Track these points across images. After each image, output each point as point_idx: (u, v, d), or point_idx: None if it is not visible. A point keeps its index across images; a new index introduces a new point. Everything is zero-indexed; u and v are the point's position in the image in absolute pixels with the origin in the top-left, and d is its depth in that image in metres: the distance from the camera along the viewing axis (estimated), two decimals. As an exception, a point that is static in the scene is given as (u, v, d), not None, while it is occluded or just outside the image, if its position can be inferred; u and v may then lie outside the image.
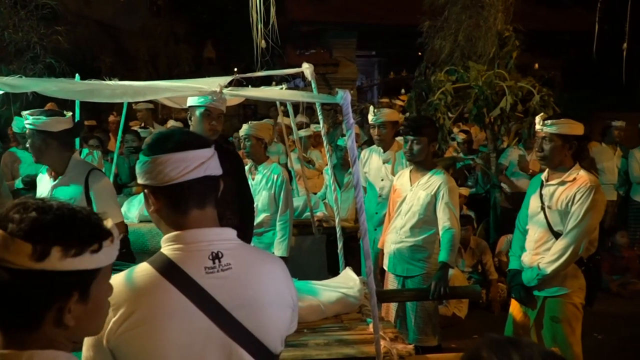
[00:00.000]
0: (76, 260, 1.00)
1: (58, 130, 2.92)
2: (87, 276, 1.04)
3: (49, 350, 1.00)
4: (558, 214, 2.92)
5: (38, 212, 1.00)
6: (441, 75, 5.92)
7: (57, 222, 1.01)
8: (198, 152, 1.33)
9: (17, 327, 1.00)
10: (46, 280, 0.98)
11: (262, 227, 4.09)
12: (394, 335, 2.47)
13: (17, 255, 0.96)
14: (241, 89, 2.24)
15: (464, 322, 4.74)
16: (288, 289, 1.44)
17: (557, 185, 2.94)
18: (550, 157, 2.94)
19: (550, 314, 2.97)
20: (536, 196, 3.04)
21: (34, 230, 0.98)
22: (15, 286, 0.97)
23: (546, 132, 2.93)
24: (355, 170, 1.95)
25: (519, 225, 3.22)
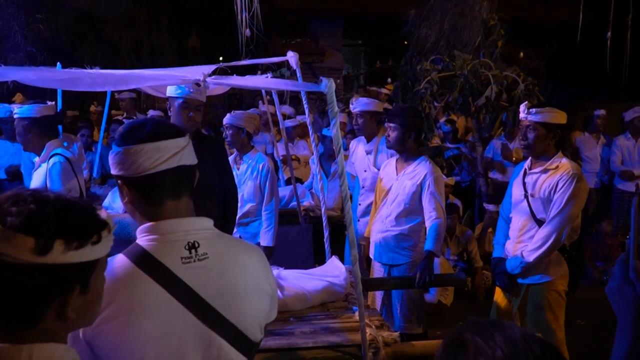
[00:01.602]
0: (78, 253, 0.99)
1: (39, 115, 3.09)
2: (87, 268, 1.03)
3: (48, 343, 0.99)
4: (541, 201, 2.94)
5: (37, 204, 0.98)
6: (427, 65, 5.92)
7: (57, 214, 0.99)
8: (171, 142, 1.31)
9: (16, 321, 0.98)
10: (48, 274, 0.97)
11: (248, 217, 4.07)
12: (380, 323, 2.49)
13: (19, 249, 0.94)
14: (225, 78, 2.21)
15: (450, 310, 4.79)
16: (266, 277, 1.43)
17: (540, 173, 2.97)
18: (533, 145, 2.96)
19: (533, 302, 3.00)
20: (519, 184, 3.06)
21: (35, 223, 0.96)
22: (16, 281, 0.95)
23: (530, 121, 2.95)
24: (340, 160, 1.95)
25: (503, 214, 3.25)
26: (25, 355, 0.96)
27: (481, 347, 0.80)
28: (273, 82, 2.99)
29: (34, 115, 3.09)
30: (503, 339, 0.80)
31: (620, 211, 6.56)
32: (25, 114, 3.09)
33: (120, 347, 1.24)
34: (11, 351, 0.96)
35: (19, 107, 3.12)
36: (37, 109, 3.10)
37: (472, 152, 6.50)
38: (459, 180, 6.71)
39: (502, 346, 0.79)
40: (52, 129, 3.25)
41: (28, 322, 0.99)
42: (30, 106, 3.10)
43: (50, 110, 3.18)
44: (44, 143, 3.15)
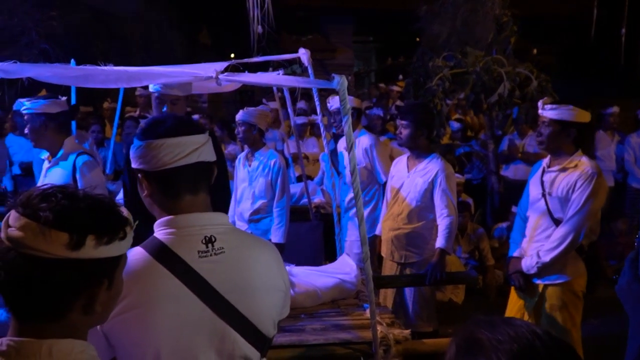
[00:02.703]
0: (107, 248, 1.01)
1: (55, 112, 3.04)
2: (114, 263, 1.05)
3: (67, 339, 1.00)
4: (558, 200, 2.88)
5: (69, 200, 1.00)
6: (439, 61, 5.88)
7: (89, 210, 1.00)
8: (192, 138, 1.33)
9: (40, 316, 1.00)
10: (80, 269, 0.98)
11: (259, 213, 4.08)
12: (391, 321, 2.49)
13: (53, 245, 0.96)
14: (237, 75, 2.22)
15: (461, 308, 4.77)
16: (280, 273, 1.45)
17: (558, 171, 2.91)
18: (546, 142, 2.92)
19: (549, 302, 2.94)
20: (537, 183, 3.01)
21: (69, 219, 0.97)
22: (49, 276, 0.97)
23: (545, 117, 2.90)
24: (352, 157, 1.95)
25: (520, 212, 3.19)
26: (46, 350, 0.97)
27: (497, 342, 0.80)
28: (285, 79, 2.99)
29: (50, 112, 3.04)
30: (516, 334, 0.80)
31: (634, 210, 6.48)
32: (41, 109, 3.03)
33: (137, 338, 1.26)
34: (32, 345, 0.97)
35: (32, 102, 3.06)
36: (54, 105, 3.05)
37: (484, 149, 6.46)
38: (470, 177, 6.68)
39: (517, 341, 0.79)
40: (67, 125, 3.22)
41: (55, 316, 1.00)
42: (45, 102, 3.05)
43: (65, 106, 3.15)
44: (57, 140, 3.11)
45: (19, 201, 0.99)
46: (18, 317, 1.00)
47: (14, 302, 1.00)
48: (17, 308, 1.00)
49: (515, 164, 6.32)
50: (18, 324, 1.00)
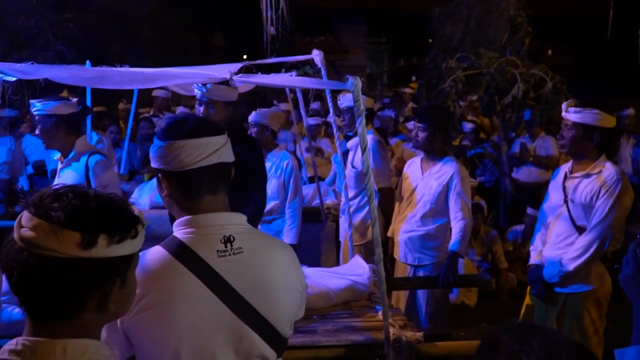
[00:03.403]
0: (119, 247, 1.01)
1: (66, 113, 3.06)
2: (126, 262, 1.06)
3: (82, 339, 1.01)
4: (582, 207, 2.79)
5: (80, 200, 1.00)
6: (452, 62, 5.86)
7: (100, 209, 1.01)
8: (213, 139, 1.35)
9: (54, 315, 1.00)
10: (92, 268, 0.99)
11: (271, 214, 4.09)
12: (403, 323, 2.47)
13: (66, 244, 0.96)
14: (251, 76, 2.23)
15: (473, 311, 4.73)
16: (297, 274, 1.46)
17: (582, 177, 2.82)
18: (568, 145, 2.83)
19: (572, 311, 2.86)
20: (558, 189, 2.92)
21: (81, 218, 0.98)
22: (61, 275, 0.98)
23: (569, 120, 2.81)
24: (365, 158, 1.95)
25: (542, 219, 3.08)
26: (60, 350, 0.98)
27: (516, 351, 0.79)
28: (299, 80, 3.00)
29: (61, 113, 3.06)
30: (538, 345, 0.79)
31: (650, 213, 6.38)
32: (52, 111, 3.05)
33: (156, 336, 1.27)
34: (46, 345, 0.98)
35: (43, 104, 3.06)
36: (64, 106, 3.07)
37: (497, 151, 6.41)
38: (482, 180, 6.63)
39: (538, 352, 0.78)
40: (78, 126, 3.25)
41: (69, 315, 1.01)
42: (56, 103, 3.06)
43: (75, 107, 3.17)
44: (68, 140, 3.13)
45: (31, 202, 1.00)
46: (32, 317, 1.01)
47: (28, 302, 1.01)
48: (32, 308, 1.01)
49: (527, 167, 6.27)
50: (32, 324, 1.01)
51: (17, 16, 6.01)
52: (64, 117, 3.06)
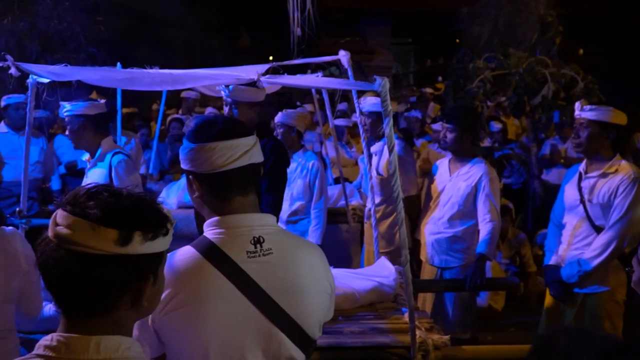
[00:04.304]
0: (152, 244, 1.04)
1: (93, 113, 3.16)
2: (159, 259, 1.08)
3: (115, 335, 1.03)
4: (600, 207, 2.79)
5: (114, 198, 1.03)
6: (480, 63, 5.78)
7: (134, 207, 1.04)
8: (243, 140, 1.35)
9: (88, 312, 1.02)
10: (128, 265, 1.01)
11: (296, 214, 4.11)
12: (430, 326, 2.45)
13: (103, 241, 0.99)
14: (278, 77, 2.24)
15: (501, 315, 4.66)
16: (326, 276, 1.45)
17: (598, 177, 2.82)
18: (585, 144, 2.83)
19: (591, 312, 2.86)
20: (574, 188, 2.92)
21: (117, 216, 1.01)
22: (97, 272, 1.00)
23: (584, 119, 2.81)
24: (392, 159, 1.94)
25: (554, 219, 3.10)
26: (94, 346, 1.00)
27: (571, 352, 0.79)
28: (326, 81, 3.01)
29: (89, 113, 3.16)
30: (595, 352, 0.78)
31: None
32: (80, 111, 3.15)
33: (186, 336, 1.28)
34: (80, 341, 1.00)
35: (72, 105, 3.17)
36: (92, 107, 3.17)
37: (525, 152, 6.30)
38: (509, 182, 6.52)
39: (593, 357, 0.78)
40: (105, 126, 3.33)
41: (103, 312, 1.03)
42: (84, 104, 3.16)
43: (103, 107, 3.27)
44: (96, 140, 3.22)
45: (66, 200, 1.03)
46: (67, 314, 1.03)
47: (64, 299, 1.03)
48: (66, 305, 1.03)
49: (558, 168, 6.14)
50: (67, 320, 1.03)
51: (50, 20, 6.19)
52: (91, 117, 3.16)
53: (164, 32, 11.26)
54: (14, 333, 1.94)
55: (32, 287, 1.95)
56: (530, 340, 2.93)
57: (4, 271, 1.84)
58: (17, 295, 1.91)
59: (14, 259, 1.87)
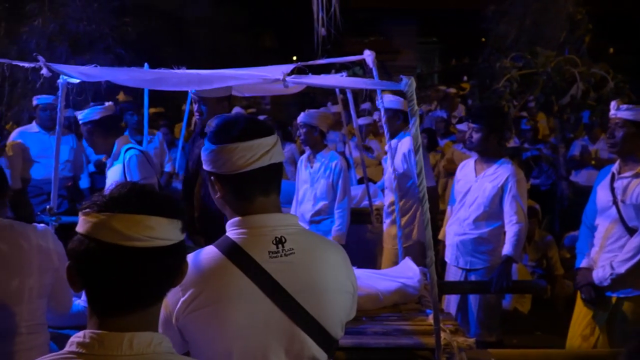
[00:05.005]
0: (183, 234, 1.10)
1: (98, 118, 3.26)
2: None
3: (146, 332, 1.05)
4: (633, 208, 2.74)
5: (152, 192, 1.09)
6: (506, 62, 5.70)
7: (170, 199, 1.11)
8: (263, 141, 1.34)
9: (130, 308, 1.04)
10: (180, 251, 1.09)
11: (320, 214, 4.12)
12: (455, 328, 2.42)
13: (175, 232, 1.06)
14: (304, 77, 2.24)
15: (527, 318, 4.59)
16: (348, 276, 1.45)
17: (632, 177, 2.78)
18: (620, 144, 2.79)
19: (623, 316, 2.79)
20: (606, 189, 2.87)
21: (173, 207, 1.08)
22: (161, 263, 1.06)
23: (619, 118, 2.78)
24: (418, 159, 1.92)
25: (586, 221, 3.05)
26: (127, 342, 1.01)
27: None
28: (352, 81, 3.00)
29: (94, 118, 3.25)
30: None
31: None
32: (86, 118, 3.26)
33: (209, 335, 1.29)
34: (113, 338, 1.01)
35: (81, 113, 3.28)
36: (97, 112, 3.25)
37: (554, 153, 6.18)
38: (537, 183, 6.41)
39: None
40: (114, 128, 3.39)
41: (148, 305, 1.07)
42: (90, 109, 3.26)
43: (110, 110, 3.34)
44: (108, 142, 3.30)
45: (107, 204, 1.04)
46: (102, 311, 1.04)
47: (107, 296, 1.04)
48: (106, 302, 1.04)
49: (588, 170, 6.01)
50: (100, 317, 1.04)
51: (79, 22, 6.33)
52: (96, 122, 3.26)
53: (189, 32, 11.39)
54: (45, 327, 1.98)
55: (62, 283, 1.97)
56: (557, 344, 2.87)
57: (38, 267, 1.88)
58: (48, 291, 1.95)
59: (46, 256, 1.91)
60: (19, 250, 1.85)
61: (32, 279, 1.86)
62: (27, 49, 5.68)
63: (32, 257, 1.87)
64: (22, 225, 1.92)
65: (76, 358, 0.99)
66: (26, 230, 1.90)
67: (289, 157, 6.40)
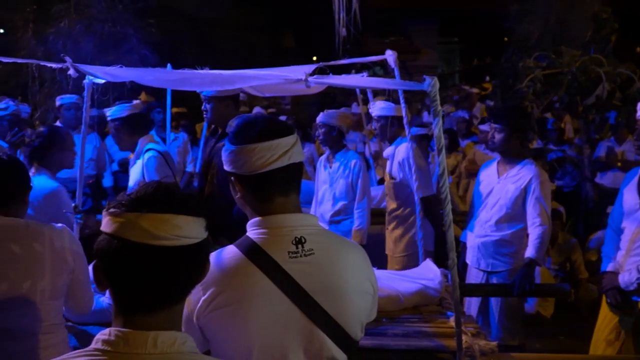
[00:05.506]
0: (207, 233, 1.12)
1: (125, 115, 3.28)
2: None
3: (170, 331, 1.06)
4: None
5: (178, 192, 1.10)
6: (530, 62, 5.62)
7: (200, 199, 1.13)
8: (282, 141, 1.35)
9: (156, 306, 1.06)
10: (204, 248, 1.11)
11: (339, 214, 4.10)
12: (476, 331, 2.40)
13: (198, 229, 1.08)
14: (326, 77, 2.24)
15: (549, 322, 4.52)
16: (368, 276, 1.44)
17: None
18: None
19: None
20: (634, 192, 2.81)
21: (197, 206, 1.10)
22: (190, 260, 1.08)
23: None
24: (441, 160, 1.90)
25: (612, 224, 3.00)
26: (151, 341, 1.02)
27: None
28: (374, 81, 2.99)
29: (122, 115, 3.28)
30: None
31: None
32: (114, 115, 3.29)
33: (229, 334, 1.30)
34: (138, 336, 1.03)
35: (109, 110, 3.32)
36: (125, 109, 3.28)
37: (578, 154, 6.07)
38: (561, 184, 6.31)
39: None
40: (141, 126, 3.41)
41: (173, 303, 1.09)
42: (118, 107, 3.29)
43: (137, 108, 3.37)
44: (133, 140, 3.33)
45: (140, 200, 1.05)
46: (128, 309, 1.06)
47: (133, 295, 1.05)
48: (132, 301, 1.05)
49: (614, 172, 5.89)
50: (125, 316, 1.05)
51: (104, 23, 6.43)
52: (125, 118, 3.29)
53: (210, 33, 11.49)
54: (61, 327, 1.99)
55: (79, 284, 1.98)
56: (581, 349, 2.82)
57: (50, 269, 1.88)
58: (64, 291, 1.95)
59: (61, 257, 1.91)
60: (31, 252, 1.85)
61: (45, 281, 1.86)
62: (54, 50, 5.79)
63: (44, 259, 1.86)
64: (38, 225, 1.92)
65: (101, 355, 1.00)
66: (42, 230, 1.90)
67: (308, 157, 6.41)
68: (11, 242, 1.82)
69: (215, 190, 3.05)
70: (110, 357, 1.00)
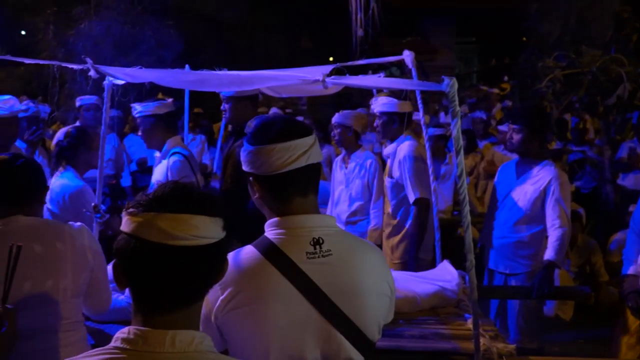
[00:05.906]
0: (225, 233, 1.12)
1: (163, 112, 3.27)
2: None
3: (189, 330, 1.07)
4: None
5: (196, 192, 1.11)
6: (549, 62, 5.55)
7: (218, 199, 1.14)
8: (301, 141, 1.35)
9: (175, 305, 1.06)
10: (222, 248, 1.11)
11: (356, 215, 4.09)
12: (494, 334, 2.38)
13: (216, 229, 1.09)
14: (343, 78, 2.25)
15: (568, 325, 4.46)
16: (385, 278, 1.44)
17: None
18: None
19: None
20: None
21: (215, 206, 1.10)
22: (209, 260, 1.09)
23: None
24: (459, 161, 1.89)
25: (635, 226, 2.96)
26: (169, 340, 1.03)
27: None
28: (392, 81, 2.98)
29: (159, 112, 3.27)
30: None
31: None
32: (150, 111, 3.27)
33: (247, 333, 1.31)
34: (156, 335, 1.03)
35: (143, 106, 3.30)
36: (162, 106, 3.28)
37: (599, 155, 5.98)
38: (579, 185, 6.21)
39: None
40: (174, 125, 3.44)
41: (191, 302, 1.09)
42: (154, 104, 3.28)
43: (171, 107, 3.38)
44: (165, 138, 3.33)
45: (158, 200, 1.06)
46: (147, 308, 1.07)
47: (153, 294, 1.06)
48: (152, 300, 1.06)
49: (635, 173, 5.77)
50: (143, 315, 1.06)
51: (124, 25, 6.52)
52: (161, 116, 3.28)
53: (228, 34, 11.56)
54: (81, 325, 2.01)
55: (98, 282, 2.00)
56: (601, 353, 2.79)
57: (72, 268, 1.90)
58: (84, 289, 1.97)
59: (81, 255, 1.93)
60: (53, 251, 1.87)
61: (67, 279, 1.89)
62: (74, 51, 5.88)
63: (66, 257, 1.89)
64: (57, 224, 1.95)
65: (120, 353, 1.02)
66: (62, 229, 1.93)
67: (326, 158, 6.40)
68: (33, 241, 1.85)
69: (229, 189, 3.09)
70: (129, 355, 1.01)
